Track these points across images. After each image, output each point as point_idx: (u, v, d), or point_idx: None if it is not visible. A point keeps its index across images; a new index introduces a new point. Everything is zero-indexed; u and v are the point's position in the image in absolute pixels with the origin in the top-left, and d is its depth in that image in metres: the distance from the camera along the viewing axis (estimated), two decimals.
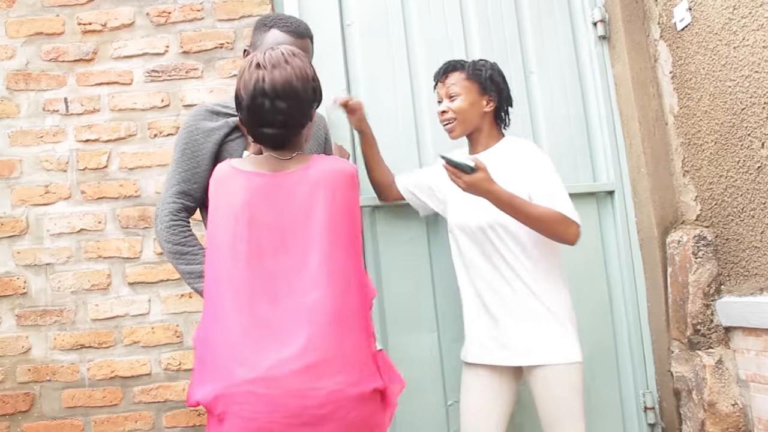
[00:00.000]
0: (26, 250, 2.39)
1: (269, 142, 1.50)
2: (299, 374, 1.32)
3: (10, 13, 2.48)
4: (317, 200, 1.44)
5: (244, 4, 2.53)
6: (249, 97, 1.44)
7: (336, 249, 1.42)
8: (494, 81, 2.02)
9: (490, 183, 1.78)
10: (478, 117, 2.02)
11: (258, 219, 1.43)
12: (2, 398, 2.33)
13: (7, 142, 2.43)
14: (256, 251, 1.41)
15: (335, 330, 1.37)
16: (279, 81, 1.42)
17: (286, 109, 1.44)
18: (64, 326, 2.37)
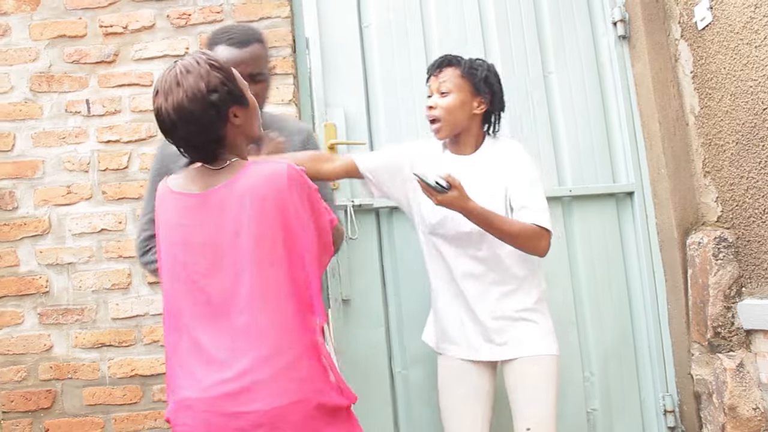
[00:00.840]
0: (48, 249, 2.45)
1: (193, 159, 1.49)
2: (234, 396, 1.32)
3: (33, 16, 2.55)
4: (244, 215, 1.39)
5: (263, 6, 2.56)
6: (159, 124, 1.45)
7: (269, 264, 1.38)
8: (489, 82, 1.97)
9: (464, 201, 1.77)
10: (467, 118, 1.97)
11: (191, 240, 1.43)
12: (25, 395, 2.39)
13: (30, 143, 2.49)
14: (192, 273, 1.41)
15: (270, 351, 1.35)
16: (171, 109, 1.40)
17: (188, 133, 1.42)
18: (85, 325, 2.42)
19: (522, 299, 1.93)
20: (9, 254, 2.46)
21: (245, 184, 1.41)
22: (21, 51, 2.54)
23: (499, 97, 2.01)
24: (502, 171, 1.93)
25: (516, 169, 1.93)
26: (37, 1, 2.56)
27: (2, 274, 2.45)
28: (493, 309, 1.93)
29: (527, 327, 1.93)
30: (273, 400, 1.32)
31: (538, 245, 1.87)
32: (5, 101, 2.52)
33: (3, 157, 2.49)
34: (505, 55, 2.54)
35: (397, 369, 2.46)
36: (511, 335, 1.93)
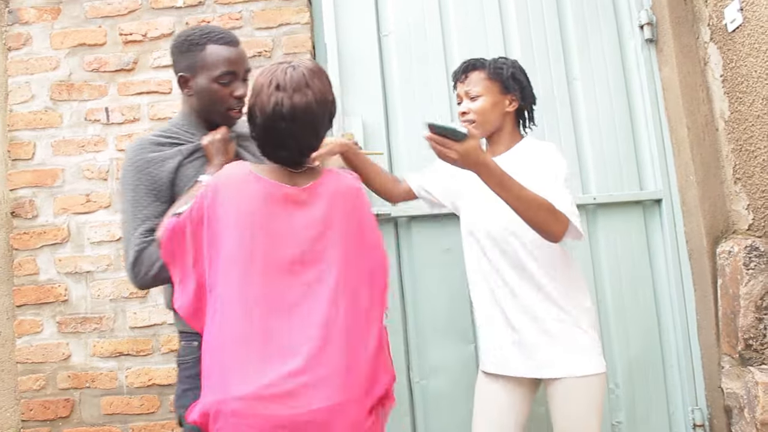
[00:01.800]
0: (67, 257, 2.48)
1: (282, 161, 1.51)
2: (303, 391, 1.33)
3: (54, 24, 2.59)
4: (334, 218, 1.46)
5: (282, 12, 2.58)
6: (266, 118, 1.45)
7: (352, 263, 1.45)
8: (516, 79, 1.97)
9: (481, 153, 1.66)
10: (500, 117, 1.97)
11: (276, 230, 1.43)
12: (44, 404, 2.42)
13: (50, 151, 2.53)
14: (273, 266, 1.41)
15: (343, 348, 1.38)
16: (299, 106, 1.43)
17: (303, 134, 1.47)
18: (103, 334, 2.44)
19: (562, 309, 1.87)
20: (29, 262, 2.49)
21: (333, 188, 1.50)
22: (42, 60, 2.58)
23: (528, 92, 2.00)
24: (534, 169, 1.87)
25: (546, 167, 1.87)
26: (57, 10, 2.60)
27: (22, 282, 2.49)
28: (529, 320, 1.88)
29: (570, 343, 1.86)
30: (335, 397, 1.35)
31: (553, 225, 1.73)
32: (26, 110, 2.56)
33: (23, 166, 2.53)
34: (527, 61, 2.51)
35: (415, 379, 2.44)
36: (554, 352, 1.86)
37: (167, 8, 2.59)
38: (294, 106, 1.43)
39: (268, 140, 1.49)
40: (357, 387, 1.39)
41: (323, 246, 1.44)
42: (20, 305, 2.48)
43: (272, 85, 1.44)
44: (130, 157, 1.70)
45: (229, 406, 1.31)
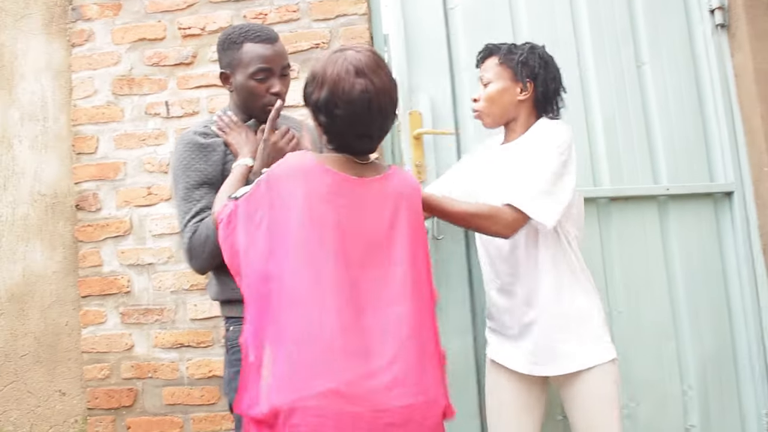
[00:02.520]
0: (130, 250, 2.54)
1: (358, 151, 1.48)
2: (385, 389, 1.31)
3: (116, 20, 2.64)
4: (401, 214, 1.45)
5: (340, 3, 2.57)
6: (353, 106, 1.41)
7: (417, 264, 1.45)
8: (528, 66, 1.89)
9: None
10: (512, 106, 1.91)
11: (344, 225, 1.40)
12: (108, 393, 2.48)
13: (112, 145, 2.59)
14: (343, 258, 1.38)
15: (417, 345, 1.38)
16: (382, 89, 1.43)
17: (385, 122, 1.47)
18: (164, 325, 2.49)
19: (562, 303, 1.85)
20: (93, 254, 2.56)
21: (400, 184, 1.50)
22: (104, 55, 2.64)
23: (544, 79, 1.91)
24: (525, 155, 1.83)
25: (530, 147, 1.82)
26: (119, 6, 2.65)
27: (87, 273, 2.56)
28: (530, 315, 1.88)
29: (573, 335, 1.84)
30: (422, 396, 1.35)
31: (491, 227, 1.73)
32: (89, 105, 2.63)
33: (87, 160, 2.60)
34: (597, 44, 2.45)
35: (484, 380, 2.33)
36: (559, 348, 1.84)
37: (225, 1, 2.62)
38: (378, 89, 1.41)
39: (352, 129, 1.44)
40: (433, 387, 1.39)
41: (392, 241, 1.43)
42: (85, 296, 2.56)
43: (350, 72, 1.40)
44: (180, 147, 1.78)
45: (308, 403, 1.28)
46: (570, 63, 2.43)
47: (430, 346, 1.42)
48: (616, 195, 2.37)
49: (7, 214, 2.68)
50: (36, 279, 2.63)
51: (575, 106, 2.41)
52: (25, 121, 2.72)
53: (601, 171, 2.41)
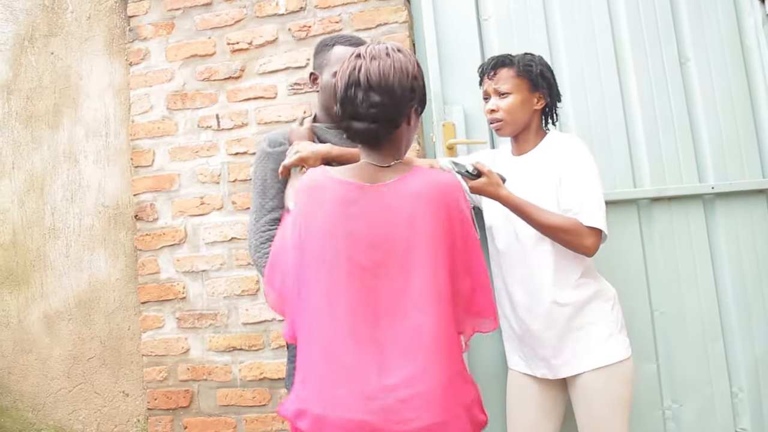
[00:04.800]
0: (185, 257, 2.69)
1: (360, 137, 1.48)
2: (400, 406, 1.32)
3: (169, 39, 2.82)
4: (418, 216, 1.41)
5: (381, 13, 2.66)
6: (343, 87, 1.45)
7: (439, 267, 1.40)
8: (545, 77, 2.02)
9: (495, 187, 1.82)
10: (528, 115, 2.03)
11: (357, 235, 1.42)
12: (166, 394, 2.64)
13: (167, 157, 2.75)
14: (357, 269, 1.40)
15: (440, 359, 1.36)
16: (375, 72, 1.42)
17: (379, 102, 1.42)
18: (218, 329, 2.62)
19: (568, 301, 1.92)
20: (151, 262, 2.72)
21: (418, 185, 1.44)
22: (158, 72, 2.82)
23: (555, 90, 2.06)
24: (553, 167, 1.95)
25: (567, 165, 1.93)
26: (172, 25, 2.82)
27: (146, 280, 2.73)
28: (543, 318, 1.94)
29: (583, 335, 1.91)
30: (438, 413, 1.33)
31: (580, 242, 1.85)
32: (146, 120, 2.81)
33: (144, 172, 2.77)
34: (636, 43, 2.47)
35: None
36: (570, 349, 1.92)
37: (270, 16, 2.75)
38: (369, 71, 1.42)
39: (346, 111, 1.46)
40: (458, 403, 1.37)
41: (409, 247, 1.40)
42: (144, 302, 2.74)
43: (353, 56, 1.47)
44: (262, 149, 1.94)
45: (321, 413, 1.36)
46: (608, 66, 2.48)
47: (455, 358, 1.40)
48: (658, 195, 2.38)
49: (74, 225, 2.89)
50: (101, 286, 2.83)
51: (614, 105, 2.45)
52: (89, 137, 2.93)
53: (641, 172, 2.42)
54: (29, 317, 2.92)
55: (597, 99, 2.46)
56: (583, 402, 1.90)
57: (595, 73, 2.48)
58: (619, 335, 1.93)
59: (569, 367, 1.92)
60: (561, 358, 1.93)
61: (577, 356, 1.90)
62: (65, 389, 2.84)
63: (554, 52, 2.53)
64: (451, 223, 1.43)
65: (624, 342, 1.93)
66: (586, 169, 1.92)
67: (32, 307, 2.92)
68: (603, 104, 2.45)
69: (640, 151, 2.42)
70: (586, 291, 1.92)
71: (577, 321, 1.91)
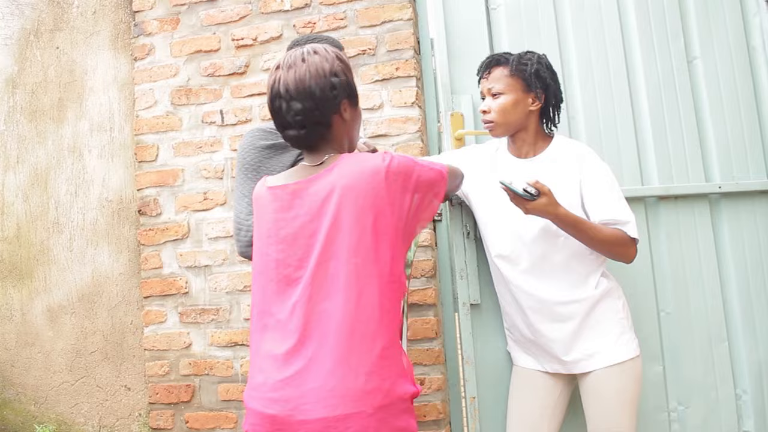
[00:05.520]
0: (187, 252, 2.71)
1: (294, 143, 1.57)
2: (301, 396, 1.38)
3: (174, 34, 2.83)
4: (329, 204, 1.45)
5: (385, 10, 2.66)
6: (269, 99, 1.54)
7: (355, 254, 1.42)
8: (540, 77, 1.97)
9: (554, 207, 1.80)
10: (523, 116, 1.99)
11: (280, 234, 1.51)
12: (168, 388, 2.65)
13: (171, 153, 2.76)
14: (284, 269, 1.49)
15: (345, 343, 1.39)
16: (292, 81, 1.49)
17: (302, 109, 1.49)
18: (220, 324, 2.64)
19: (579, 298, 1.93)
20: (154, 257, 2.74)
21: (336, 175, 1.48)
22: (163, 68, 2.83)
23: (553, 90, 2.01)
24: (570, 176, 1.93)
25: (592, 176, 1.92)
26: (177, 20, 2.83)
27: (148, 275, 2.74)
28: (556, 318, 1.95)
29: (595, 334, 1.92)
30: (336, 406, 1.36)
31: (627, 252, 1.90)
32: (150, 115, 2.82)
33: (148, 167, 2.79)
34: (645, 39, 2.47)
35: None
36: (581, 349, 1.93)
37: (275, 12, 2.76)
38: (287, 81, 1.49)
39: (277, 122, 1.55)
40: (367, 394, 1.37)
41: (326, 237, 1.44)
42: (147, 296, 2.76)
43: (275, 67, 1.55)
44: (251, 141, 1.96)
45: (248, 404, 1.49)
46: (617, 60, 2.47)
47: (367, 342, 1.40)
48: (665, 194, 2.38)
49: (78, 220, 2.90)
50: (104, 280, 2.84)
51: (622, 103, 2.45)
52: (94, 132, 2.95)
53: (649, 169, 2.43)
54: (32, 311, 2.93)
55: (605, 92, 2.45)
56: (594, 399, 1.91)
57: (604, 64, 2.46)
58: (630, 333, 1.95)
59: (582, 364, 1.93)
60: (573, 355, 1.93)
61: (590, 353, 1.91)
62: (67, 383, 2.86)
63: (563, 47, 2.50)
64: (376, 203, 1.44)
65: (634, 340, 1.95)
66: (614, 181, 1.93)
67: (35, 301, 2.94)
68: (611, 97, 2.44)
69: (648, 149, 2.42)
70: (599, 289, 1.94)
71: (590, 319, 1.92)
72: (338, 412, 1.35)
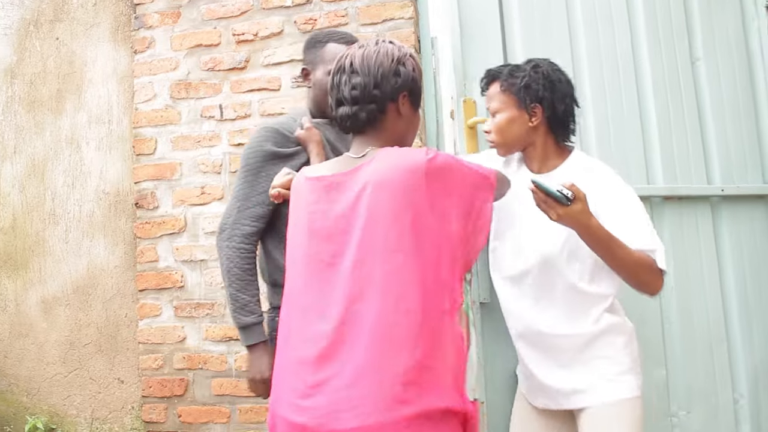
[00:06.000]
0: (184, 246, 2.72)
1: (344, 123, 1.50)
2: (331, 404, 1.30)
3: (175, 28, 2.84)
4: (362, 200, 1.37)
5: (387, 8, 2.67)
6: (332, 75, 1.51)
7: (392, 251, 1.33)
8: (531, 90, 1.79)
9: (588, 216, 1.60)
10: (523, 133, 1.84)
11: (315, 227, 1.44)
12: (161, 382, 2.66)
13: (170, 146, 2.78)
14: (315, 263, 1.42)
15: (380, 349, 1.29)
16: (359, 56, 1.47)
17: (360, 83, 1.45)
18: (215, 319, 2.65)
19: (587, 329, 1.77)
20: (150, 250, 2.75)
21: (372, 169, 1.39)
22: (163, 61, 2.84)
23: (551, 102, 1.81)
24: (597, 199, 1.70)
25: (618, 200, 1.73)
26: (178, 14, 2.84)
27: (144, 268, 2.75)
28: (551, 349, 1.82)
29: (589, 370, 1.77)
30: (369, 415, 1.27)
31: (654, 282, 1.70)
32: (149, 108, 2.83)
33: (146, 160, 2.80)
34: (651, 38, 2.42)
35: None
36: (572, 383, 1.79)
37: (277, 8, 2.76)
38: (354, 56, 1.48)
39: (333, 98, 1.51)
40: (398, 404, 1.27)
41: (362, 234, 1.36)
42: (142, 290, 2.76)
43: (347, 48, 1.54)
44: (260, 142, 1.87)
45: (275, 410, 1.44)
46: (625, 52, 2.40)
47: (405, 349, 1.30)
48: (670, 194, 2.33)
49: (74, 212, 2.91)
50: (99, 273, 2.85)
51: (630, 101, 2.39)
52: (92, 123, 2.95)
53: (655, 169, 2.37)
54: (27, 302, 2.93)
55: (614, 88, 2.36)
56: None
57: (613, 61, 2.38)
58: (631, 374, 1.78)
59: (573, 399, 1.79)
60: (564, 389, 1.79)
61: (582, 389, 1.76)
62: (60, 374, 2.86)
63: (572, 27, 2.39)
64: (413, 201, 1.34)
65: (634, 381, 1.77)
66: (640, 206, 1.75)
67: (30, 292, 2.94)
68: (620, 94, 2.36)
69: (654, 148, 2.37)
70: (599, 324, 1.77)
71: (584, 354, 1.77)
72: (371, 421, 1.26)
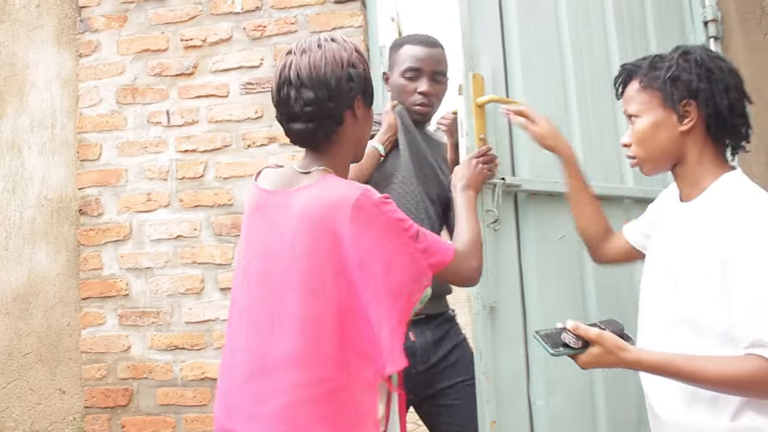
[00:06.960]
0: (129, 254, 2.70)
1: (299, 140, 1.40)
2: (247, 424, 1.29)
3: (121, 32, 2.82)
4: (300, 235, 1.29)
5: (336, 16, 2.70)
6: (275, 87, 1.37)
7: (313, 292, 1.26)
8: (681, 81, 1.35)
9: (617, 354, 1.26)
10: (671, 143, 1.39)
11: (251, 241, 1.40)
12: (105, 392, 2.64)
13: (115, 152, 2.76)
14: (246, 277, 1.39)
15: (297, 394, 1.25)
16: (305, 66, 1.32)
17: (313, 99, 1.32)
18: (160, 327, 2.63)
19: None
20: (94, 258, 2.72)
21: (307, 199, 1.31)
22: (109, 65, 2.82)
23: (710, 95, 1.34)
24: (713, 239, 1.28)
25: (742, 260, 1.22)
26: (125, 18, 2.83)
27: (88, 276, 2.72)
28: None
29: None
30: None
31: (758, 395, 1.23)
32: (94, 113, 2.81)
33: (90, 166, 2.77)
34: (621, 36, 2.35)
35: (533, 399, 1.98)
36: None
37: (226, 14, 2.77)
38: (299, 66, 1.33)
39: (282, 113, 1.39)
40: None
41: (286, 265, 1.30)
42: (85, 298, 2.73)
43: (286, 52, 1.39)
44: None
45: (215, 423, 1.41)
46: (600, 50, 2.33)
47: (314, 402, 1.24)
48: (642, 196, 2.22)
49: (15, 218, 2.86)
50: (40, 280, 2.80)
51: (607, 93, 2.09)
52: (34, 128, 2.91)
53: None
54: None
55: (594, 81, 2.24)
56: None
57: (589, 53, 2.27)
58: None
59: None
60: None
61: None
62: None
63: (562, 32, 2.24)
64: (338, 243, 1.26)
65: None
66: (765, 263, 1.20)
67: None
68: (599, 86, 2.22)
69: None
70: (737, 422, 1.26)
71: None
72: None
